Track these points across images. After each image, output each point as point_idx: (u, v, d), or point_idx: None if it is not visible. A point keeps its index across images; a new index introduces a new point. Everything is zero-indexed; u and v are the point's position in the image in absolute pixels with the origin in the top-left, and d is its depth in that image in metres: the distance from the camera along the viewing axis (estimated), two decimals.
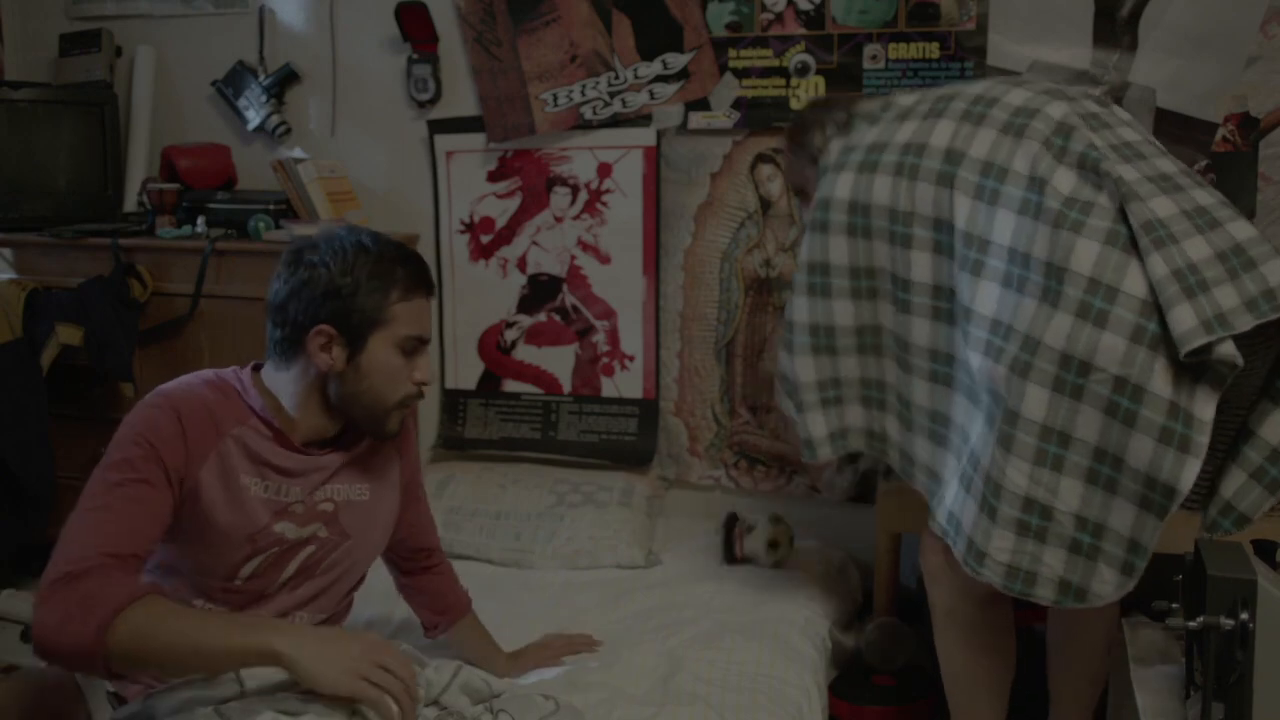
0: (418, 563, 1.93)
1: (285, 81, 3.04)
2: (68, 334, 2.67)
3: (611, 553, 2.55)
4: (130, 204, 3.13)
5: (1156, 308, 1.54)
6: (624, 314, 2.89)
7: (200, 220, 2.84)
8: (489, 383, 3.02)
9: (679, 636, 2.13)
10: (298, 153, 3.01)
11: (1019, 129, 1.73)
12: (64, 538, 1.41)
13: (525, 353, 2.98)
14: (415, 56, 2.91)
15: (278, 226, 2.77)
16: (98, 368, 2.72)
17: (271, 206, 2.81)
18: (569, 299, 2.92)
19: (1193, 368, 1.52)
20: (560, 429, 2.96)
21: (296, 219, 2.79)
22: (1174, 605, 1.42)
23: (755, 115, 2.73)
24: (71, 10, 3.26)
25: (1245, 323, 1.51)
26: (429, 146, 2.96)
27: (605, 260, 2.88)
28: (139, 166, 3.15)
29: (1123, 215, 1.61)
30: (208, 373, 1.64)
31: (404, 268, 1.60)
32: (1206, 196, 1.67)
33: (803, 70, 2.68)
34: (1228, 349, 1.49)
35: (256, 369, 1.67)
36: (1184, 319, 1.51)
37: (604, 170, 2.85)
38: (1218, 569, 1.29)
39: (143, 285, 2.74)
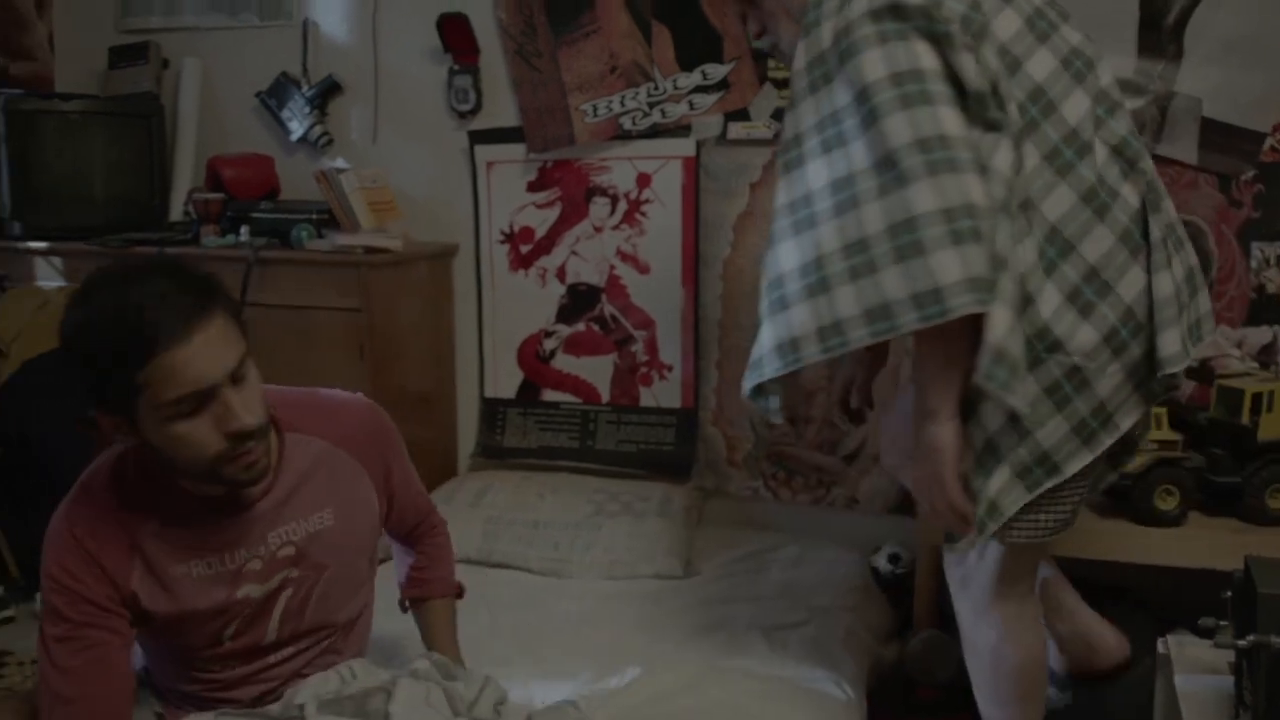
0: (410, 531, 1.83)
1: (328, 93, 3.08)
2: None
3: (649, 563, 2.54)
4: (176, 213, 3.17)
5: (1137, 320, 1.59)
6: (663, 324, 2.89)
7: (244, 229, 2.87)
8: (528, 392, 3.03)
9: (716, 646, 2.12)
10: (340, 163, 3.03)
11: (1077, 73, 1.64)
12: (43, 706, 1.42)
13: (564, 362, 2.99)
14: (456, 68, 2.93)
15: (320, 236, 2.80)
16: None
17: (314, 216, 2.84)
18: (608, 308, 2.93)
19: (1137, 382, 1.61)
20: (599, 438, 2.96)
21: (339, 228, 2.81)
22: (1222, 623, 1.40)
23: None
24: (121, 23, 3.31)
25: (1191, 352, 1.63)
26: (469, 157, 2.98)
27: (644, 270, 2.89)
28: (185, 176, 3.19)
29: (1141, 216, 1.61)
30: (113, 459, 1.51)
31: (141, 318, 1.31)
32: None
33: None
34: (1181, 375, 1.62)
35: None
36: (1172, 342, 1.58)
37: (643, 180, 2.85)
38: (1268, 586, 1.27)
39: None
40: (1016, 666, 1.82)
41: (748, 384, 1.72)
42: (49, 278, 2.94)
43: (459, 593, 1.89)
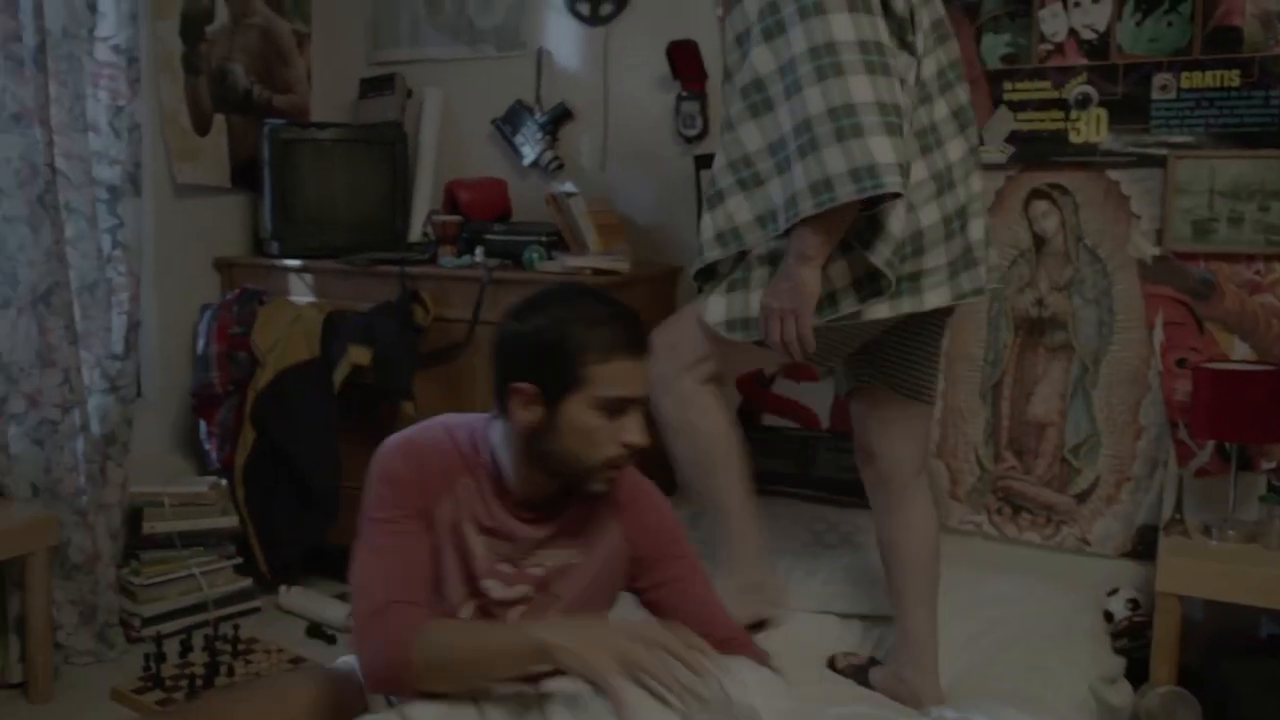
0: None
1: (559, 119, 3.18)
2: (358, 354, 2.87)
3: (870, 599, 2.48)
4: (415, 234, 3.34)
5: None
6: None
7: (478, 250, 2.99)
8: (746, 416, 3.03)
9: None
10: (569, 187, 3.12)
11: (941, 36, 2.03)
12: (356, 585, 1.56)
13: (784, 387, 2.98)
14: (684, 94, 2.98)
15: (550, 258, 2.89)
16: (382, 387, 2.90)
17: (544, 238, 2.94)
18: None
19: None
20: (818, 465, 2.93)
21: (568, 250, 2.90)
22: None
23: (1031, 150, 2.64)
24: (371, 56, 3.53)
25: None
26: (695, 181, 3.02)
27: None
28: (424, 199, 3.37)
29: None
30: (451, 418, 1.71)
31: (608, 327, 1.55)
32: None
33: (1084, 102, 2.58)
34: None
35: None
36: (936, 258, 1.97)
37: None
38: None
39: (425, 311, 2.92)
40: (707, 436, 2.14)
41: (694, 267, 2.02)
42: (301, 294, 3.15)
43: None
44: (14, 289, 2.55)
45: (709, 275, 2.04)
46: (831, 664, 2.29)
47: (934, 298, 1.98)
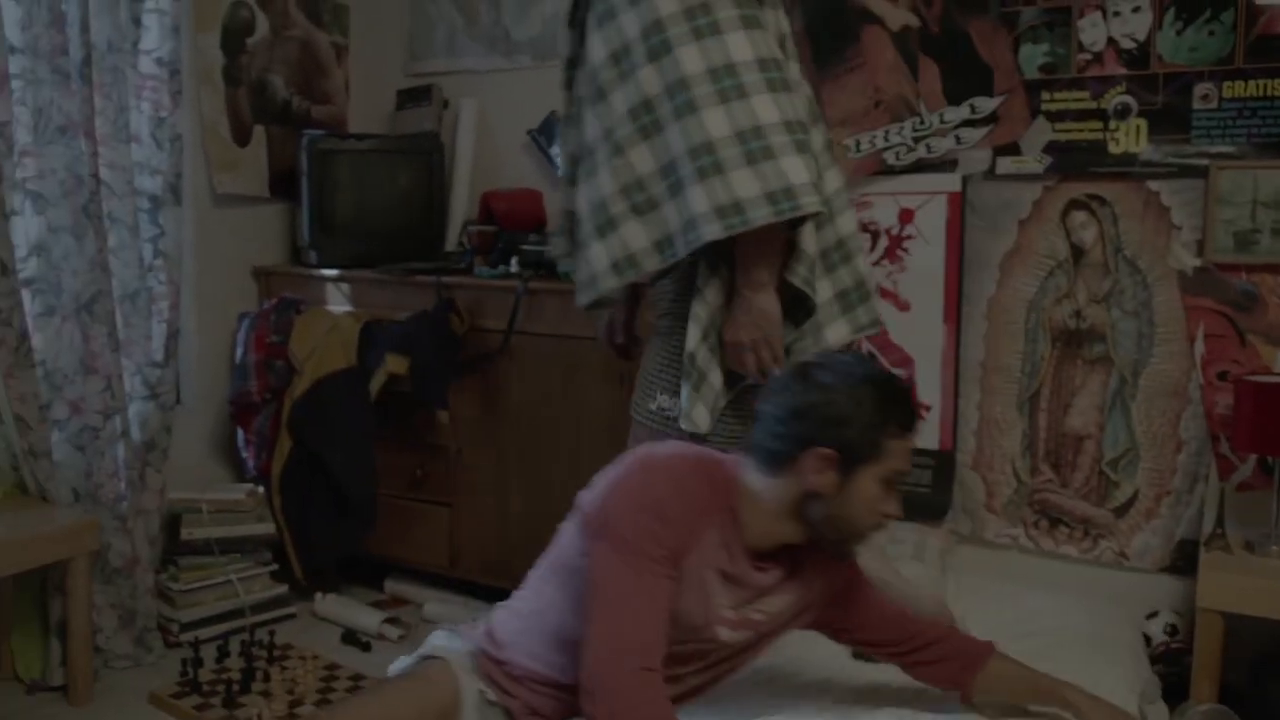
0: (909, 647, 1.84)
1: None
2: (395, 363, 2.89)
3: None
4: (451, 244, 3.36)
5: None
6: (922, 362, 2.83)
7: (513, 260, 3.00)
8: None
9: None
10: None
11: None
12: (604, 627, 1.52)
13: None
14: None
15: None
16: (418, 396, 2.92)
17: None
18: (865, 345, 2.89)
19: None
20: None
21: None
22: None
23: (1069, 160, 2.62)
24: (408, 68, 3.56)
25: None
26: None
27: (904, 307, 2.83)
28: (460, 210, 3.39)
29: None
30: (701, 453, 1.70)
31: (902, 405, 1.63)
32: None
33: (1123, 112, 2.56)
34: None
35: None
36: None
37: (905, 216, 2.81)
38: None
39: (461, 320, 2.93)
40: None
41: (584, 299, 2.00)
42: (338, 303, 3.17)
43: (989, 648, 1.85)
44: (58, 297, 2.59)
45: (599, 305, 2.04)
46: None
47: (833, 334, 2.01)
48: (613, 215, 1.90)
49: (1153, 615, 2.50)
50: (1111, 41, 2.54)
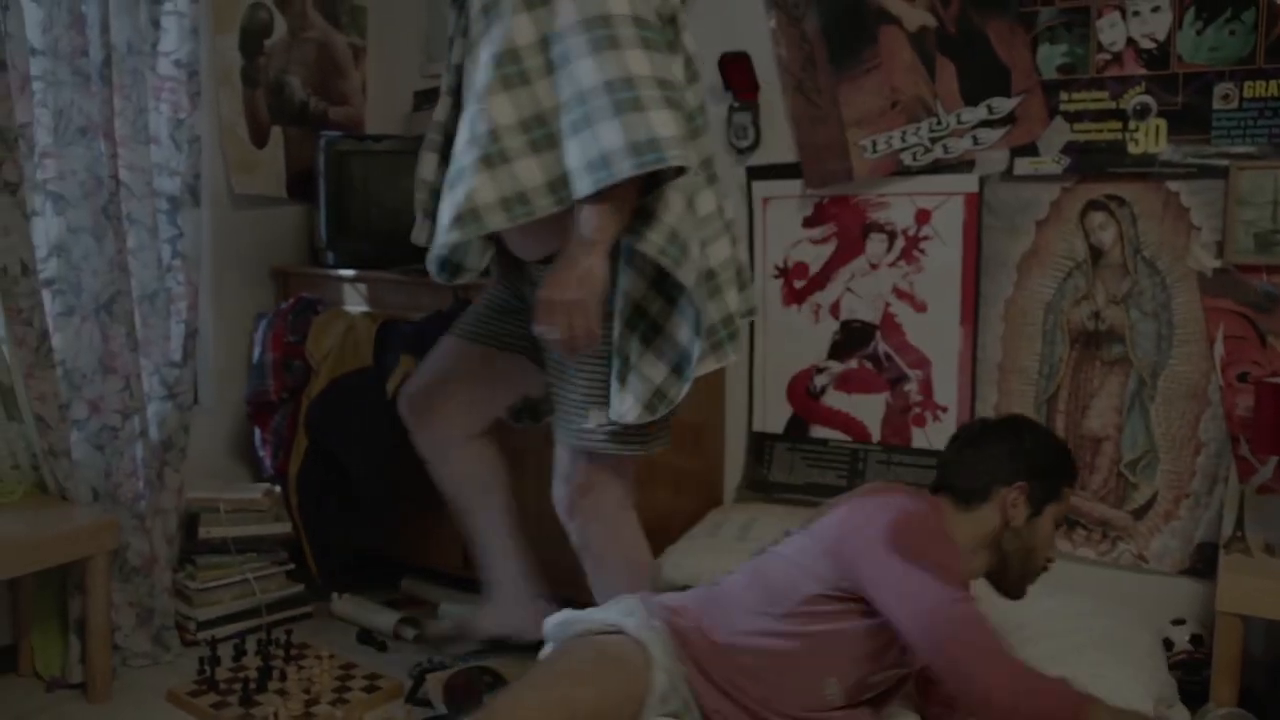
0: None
1: None
2: (411, 364, 2.90)
3: None
4: None
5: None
6: (938, 364, 2.82)
7: None
8: (796, 427, 3.02)
9: None
10: None
11: (693, 74, 2.00)
12: (984, 646, 1.69)
13: (834, 399, 2.97)
14: (736, 105, 2.98)
15: None
16: None
17: None
18: (882, 346, 2.88)
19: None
20: (867, 477, 2.91)
21: None
22: None
23: (1087, 160, 2.60)
24: (425, 69, 3.57)
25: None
26: (746, 192, 3.02)
27: (921, 308, 2.83)
28: None
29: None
30: (912, 491, 1.95)
31: (1074, 462, 2.01)
32: None
33: (1142, 112, 2.54)
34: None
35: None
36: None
37: (922, 217, 2.80)
38: None
39: None
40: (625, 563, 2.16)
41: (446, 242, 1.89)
42: (355, 303, 3.18)
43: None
44: (78, 297, 2.61)
45: (459, 274, 2.09)
46: None
47: (700, 367, 1.95)
48: (463, 166, 1.81)
49: (1179, 622, 2.48)
50: (1131, 41, 2.53)
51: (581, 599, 2.19)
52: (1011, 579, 1.95)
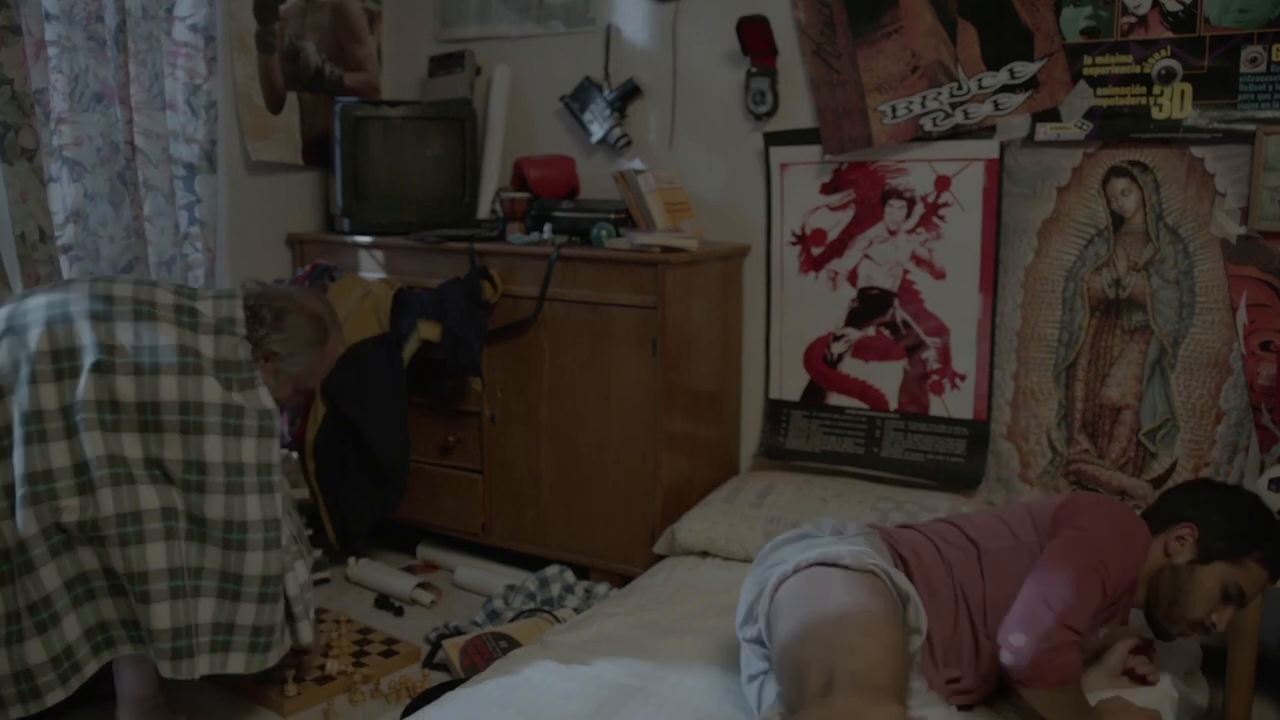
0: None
1: (628, 95, 3.17)
2: (428, 330, 2.90)
3: None
4: (484, 211, 3.35)
5: None
6: (957, 331, 2.80)
7: (546, 227, 3.00)
8: (813, 395, 3.01)
9: None
10: (637, 164, 3.11)
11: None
12: (1070, 588, 1.76)
13: (851, 366, 2.95)
14: (754, 70, 2.95)
15: (618, 235, 2.89)
16: (451, 363, 2.93)
17: (612, 215, 2.93)
18: (900, 314, 2.86)
19: None
20: (884, 446, 2.90)
21: (636, 228, 2.89)
22: None
23: (1110, 126, 2.57)
24: (440, 34, 3.54)
25: None
26: (764, 158, 2.99)
27: (939, 275, 2.81)
28: (493, 176, 3.38)
29: None
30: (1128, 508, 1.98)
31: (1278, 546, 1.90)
32: None
33: (1167, 76, 2.50)
34: None
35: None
36: None
37: (942, 183, 2.77)
38: None
39: (494, 287, 2.93)
40: None
41: None
42: (371, 269, 3.18)
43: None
44: (95, 264, 2.61)
45: None
46: None
47: None
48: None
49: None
50: (1156, 4, 2.49)
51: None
52: (1159, 619, 1.92)
